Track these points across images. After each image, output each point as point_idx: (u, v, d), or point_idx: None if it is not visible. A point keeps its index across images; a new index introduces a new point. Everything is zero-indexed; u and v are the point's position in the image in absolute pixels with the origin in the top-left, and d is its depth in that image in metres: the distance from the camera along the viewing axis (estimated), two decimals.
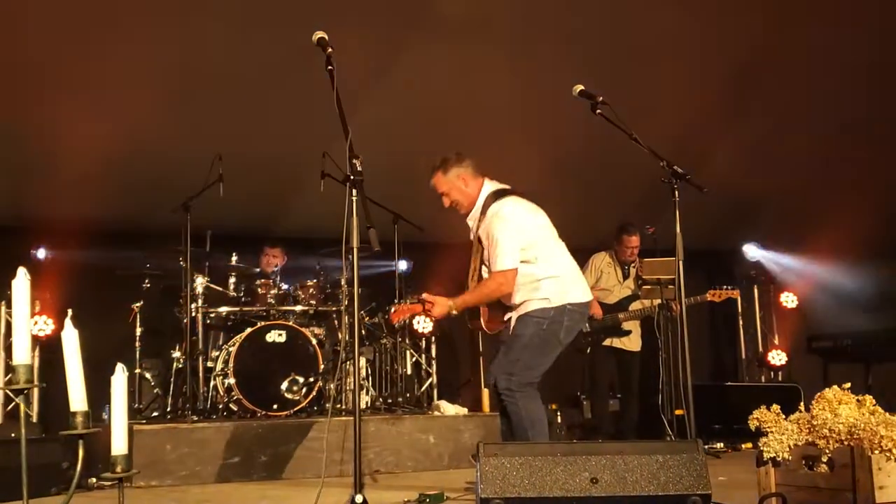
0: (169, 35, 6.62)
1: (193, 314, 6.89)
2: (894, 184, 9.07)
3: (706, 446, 7.16)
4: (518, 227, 4.65)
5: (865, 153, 8.82)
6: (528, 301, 4.69)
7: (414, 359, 8.01)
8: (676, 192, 4.06)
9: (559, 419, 8.55)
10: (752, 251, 10.78)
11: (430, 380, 8.14)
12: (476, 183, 4.87)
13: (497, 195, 4.79)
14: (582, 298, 4.74)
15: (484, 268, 4.79)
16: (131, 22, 6.43)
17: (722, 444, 7.56)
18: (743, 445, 7.31)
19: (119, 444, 2.68)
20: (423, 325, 8.11)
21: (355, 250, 3.78)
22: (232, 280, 7.28)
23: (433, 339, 8.40)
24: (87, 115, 7.12)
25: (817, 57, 7.47)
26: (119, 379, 2.69)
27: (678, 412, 6.02)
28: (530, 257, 4.66)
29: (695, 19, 6.94)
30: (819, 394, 3.73)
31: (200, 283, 6.98)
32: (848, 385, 3.79)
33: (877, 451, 3.36)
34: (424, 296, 4.70)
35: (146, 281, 7.53)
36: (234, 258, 7.30)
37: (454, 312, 4.71)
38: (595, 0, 6.67)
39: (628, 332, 7.59)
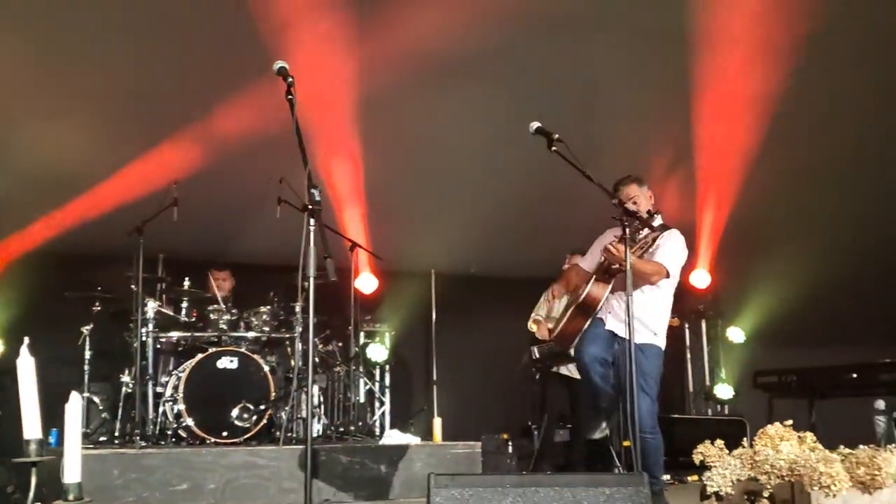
0: (124, 59, 6.60)
1: (144, 338, 6.81)
2: (838, 223, 9.31)
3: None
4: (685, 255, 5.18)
5: (814, 192, 9.04)
6: (659, 334, 5.12)
7: (367, 387, 8.01)
8: (626, 229, 4.14)
9: (510, 449, 8.58)
10: (700, 279, 10.90)
11: (383, 408, 8.14)
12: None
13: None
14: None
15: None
16: (84, 46, 6.41)
17: (668, 477, 7.63)
18: (689, 478, 7.38)
19: (73, 473, 2.66)
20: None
21: (311, 279, 3.81)
22: (184, 305, 7.23)
23: (387, 367, 8.42)
24: (42, 137, 7.07)
25: (792, 94, 7.68)
26: (74, 407, 2.68)
27: (625, 444, 6.08)
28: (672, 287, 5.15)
29: (642, 56, 7.09)
30: (762, 430, 3.83)
31: (152, 307, 6.92)
32: (790, 422, 3.88)
33: (816, 488, 3.44)
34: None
35: (96, 304, 7.45)
36: (186, 283, 7.26)
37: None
38: (547, 39, 6.78)
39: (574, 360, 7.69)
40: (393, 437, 7.10)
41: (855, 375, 7.07)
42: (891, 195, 8.99)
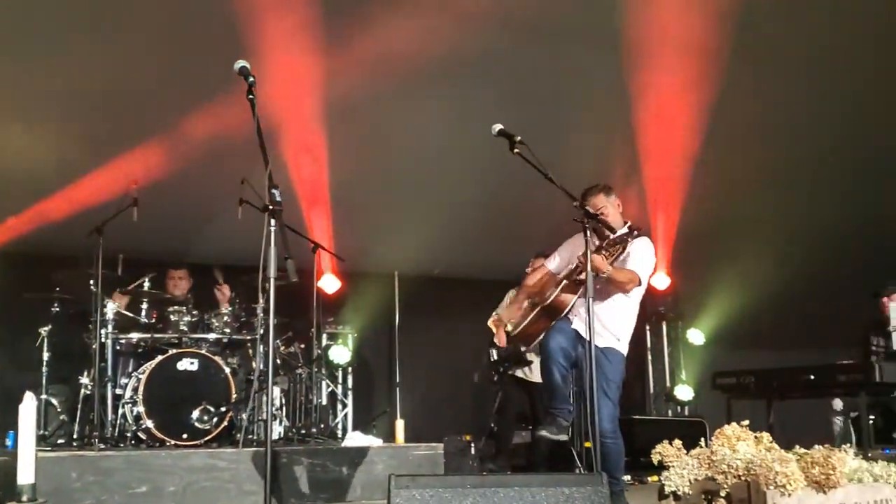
0: (84, 58, 6.53)
1: (103, 340, 6.74)
2: (793, 226, 9.45)
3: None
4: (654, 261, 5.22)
5: (769, 196, 9.17)
6: (622, 340, 5.11)
7: (329, 388, 7.99)
8: (588, 231, 4.17)
9: (472, 450, 8.60)
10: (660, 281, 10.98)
11: (345, 410, 8.12)
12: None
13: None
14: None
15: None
16: (46, 47, 6.34)
17: (629, 477, 7.70)
18: (650, 478, 7.46)
19: (27, 474, 2.64)
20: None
21: (272, 280, 3.79)
22: (144, 306, 7.16)
23: (350, 369, 8.40)
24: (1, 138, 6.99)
25: (728, 100, 7.78)
26: (28, 408, 2.66)
27: (587, 444, 6.13)
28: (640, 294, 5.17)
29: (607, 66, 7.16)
30: (719, 430, 3.87)
31: (111, 308, 6.86)
32: (747, 422, 3.93)
33: (772, 487, 3.48)
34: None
35: (55, 305, 7.35)
36: (146, 284, 7.19)
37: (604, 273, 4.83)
38: (516, 44, 6.82)
39: (530, 363, 7.75)
40: (355, 438, 7.09)
41: (812, 377, 7.16)
42: (845, 198, 9.15)
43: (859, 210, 9.28)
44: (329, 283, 9.38)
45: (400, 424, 7.87)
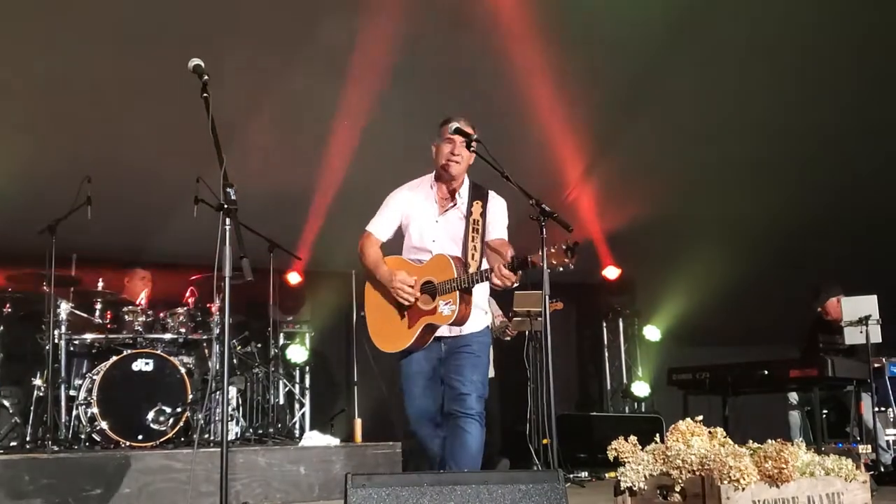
0: (35, 53, 6.45)
1: (56, 340, 6.65)
2: (748, 224, 9.59)
3: (572, 475, 7.39)
4: None
5: (723, 195, 9.30)
6: (488, 312, 4.58)
7: (287, 388, 7.95)
8: (544, 230, 4.17)
9: None
10: (611, 273, 11.03)
11: (302, 410, 8.08)
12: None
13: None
14: None
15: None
16: None
17: (587, 473, 7.77)
18: (607, 474, 7.52)
19: None
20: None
21: (227, 279, 3.75)
22: (98, 306, 7.07)
23: (307, 368, 8.35)
24: None
25: (684, 99, 7.87)
26: None
27: (544, 441, 6.17)
28: None
29: (569, 57, 7.21)
30: (673, 426, 3.91)
31: (64, 308, 6.76)
32: (700, 417, 3.97)
33: (726, 481, 3.53)
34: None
35: (6, 305, 7.23)
36: (100, 283, 7.10)
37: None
38: (472, 40, 6.85)
39: None
40: (313, 438, 7.07)
41: (766, 372, 7.25)
42: (800, 195, 9.30)
43: (808, 210, 9.44)
44: (290, 277, 9.36)
45: (358, 423, 7.86)
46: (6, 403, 7.09)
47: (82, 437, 6.57)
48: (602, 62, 7.37)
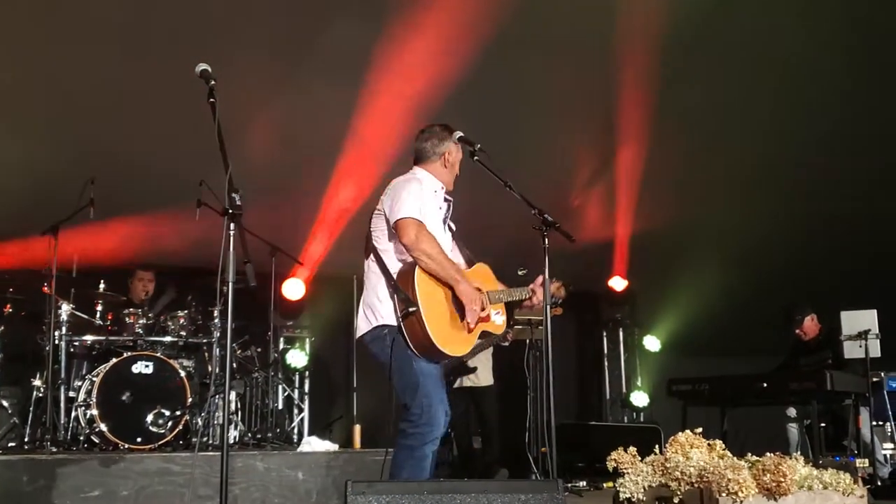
0: (40, 55, 6.46)
1: (56, 341, 6.66)
2: (748, 236, 9.60)
3: (570, 485, 7.39)
4: None
5: (724, 206, 9.31)
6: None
7: (286, 393, 7.95)
8: (546, 240, 4.18)
9: None
10: (617, 284, 11.02)
11: (301, 415, 8.08)
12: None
13: None
14: None
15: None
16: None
17: (585, 483, 7.76)
18: (605, 484, 7.51)
19: None
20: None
21: (230, 284, 3.75)
22: (99, 308, 7.08)
23: (307, 373, 8.35)
24: None
25: (688, 113, 7.89)
26: None
27: (543, 450, 6.17)
28: None
29: (563, 71, 7.22)
30: (673, 437, 3.92)
31: (65, 309, 6.77)
32: (700, 430, 3.99)
33: (724, 494, 3.54)
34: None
35: (7, 305, 7.24)
36: (101, 285, 7.11)
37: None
38: (472, 49, 6.87)
39: (474, 369, 7.81)
40: (311, 443, 7.06)
41: (765, 384, 7.25)
42: (799, 209, 9.31)
43: (809, 222, 9.45)
44: (293, 288, 9.31)
45: (357, 429, 7.85)
46: (5, 404, 7.11)
47: (81, 438, 6.57)
48: (608, 76, 7.38)
